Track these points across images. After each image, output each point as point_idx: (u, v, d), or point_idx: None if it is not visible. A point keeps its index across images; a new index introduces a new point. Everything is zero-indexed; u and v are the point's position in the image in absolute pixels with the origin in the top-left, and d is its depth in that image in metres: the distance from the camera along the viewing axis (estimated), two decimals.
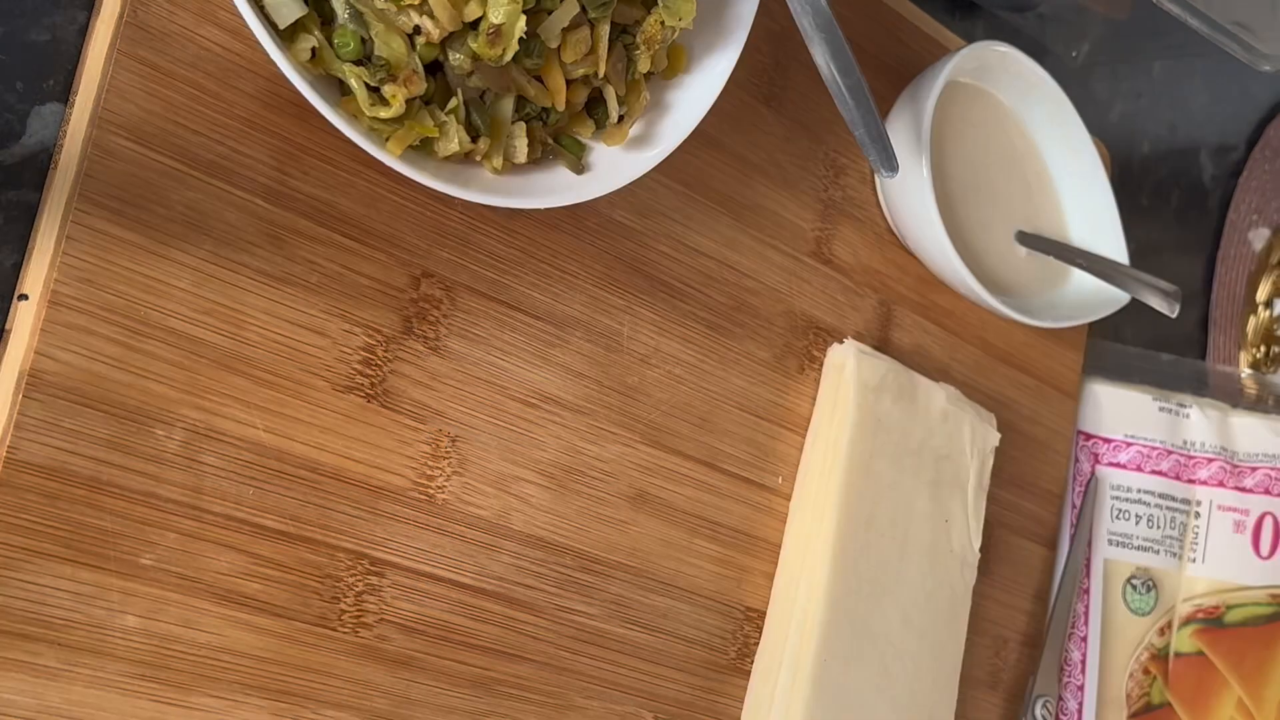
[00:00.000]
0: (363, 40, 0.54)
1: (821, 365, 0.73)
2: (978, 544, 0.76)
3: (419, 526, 0.59)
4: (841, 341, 0.74)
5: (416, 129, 0.55)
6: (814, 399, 0.73)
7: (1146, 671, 0.88)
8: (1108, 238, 0.82)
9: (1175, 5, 0.73)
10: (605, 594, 0.65)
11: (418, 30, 0.54)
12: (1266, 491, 0.90)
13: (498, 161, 0.58)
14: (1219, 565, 0.90)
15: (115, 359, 0.52)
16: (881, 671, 0.71)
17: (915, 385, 0.74)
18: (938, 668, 0.74)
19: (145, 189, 0.52)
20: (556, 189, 0.59)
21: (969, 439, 0.77)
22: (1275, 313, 1.02)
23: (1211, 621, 0.90)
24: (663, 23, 0.59)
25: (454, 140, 0.56)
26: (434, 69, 0.56)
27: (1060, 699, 0.86)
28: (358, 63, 0.54)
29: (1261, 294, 1.02)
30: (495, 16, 0.54)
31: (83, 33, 0.54)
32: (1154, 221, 0.98)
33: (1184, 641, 0.89)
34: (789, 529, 0.71)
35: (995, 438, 0.78)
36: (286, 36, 0.53)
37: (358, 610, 0.58)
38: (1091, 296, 0.81)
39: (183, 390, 0.53)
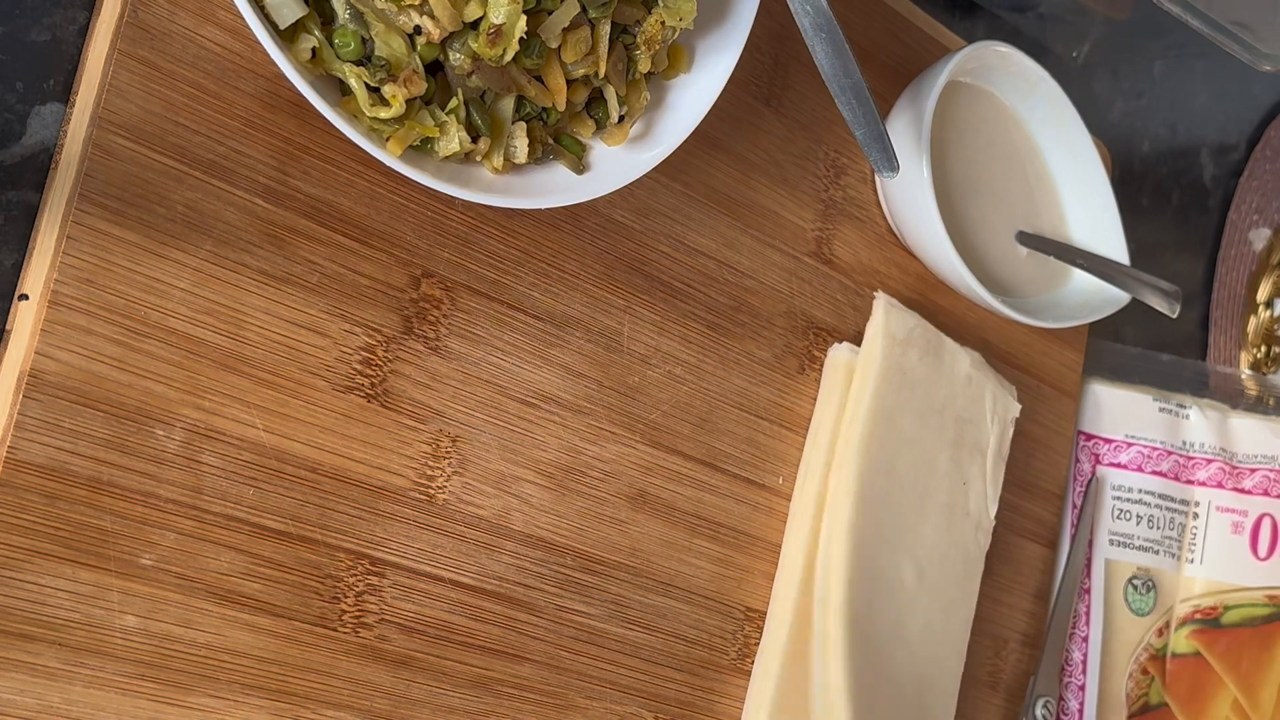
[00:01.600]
0: (363, 40, 0.54)
1: (821, 365, 0.73)
2: (994, 510, 0.77)
3: (419, 526, 0.59)
4: (842, 341, 0.74)
5: (416, 129, 0.55)
6: (814, 399, 0.73)
7: (1145, 672, 0.88)
8: (1108, 238, 0.82)
9: (1175, 5, 0.73)
10: (605, 594, 0.65)
11: (418, 30, 0.54)
12: (1265, 493, 0.90)
13: (498, 161, 0.58)
14: (1217, 566, 0.90)
15: (115, 359, 0.52)
16: (896, 621, 0.72)
17: (942, 344, 0.75)
18: (948, 627, 0.74)
19: (145, 189, 0.52)
20: (556, 189, 0.59)
21: (990, 405, 0.77)
22: (1276, 313, 1.02)
23: (1209, 622, 0.89)
24: (663, 23, 0.59)
25: (454, 140, 0.56)
26: (434, 69, 0.56)
27: (1061, 699, 0.86)
28: (358, 63, 0.54)
29: (1262, 294, 1.02)
30: (495, 16, 0.54)
31: (83, 33, 0.54)
32: (1154, 221, 0.98)
33: (1181, 642, 0.89)
34: (790, 528, 0.71)
35: (1016, 408, 0.79)
36: (287, 36, 0.53)
37: (358, 610, 0.58)
38: (1092, 296, 0.81)
39: (183, 390, 0.53)
